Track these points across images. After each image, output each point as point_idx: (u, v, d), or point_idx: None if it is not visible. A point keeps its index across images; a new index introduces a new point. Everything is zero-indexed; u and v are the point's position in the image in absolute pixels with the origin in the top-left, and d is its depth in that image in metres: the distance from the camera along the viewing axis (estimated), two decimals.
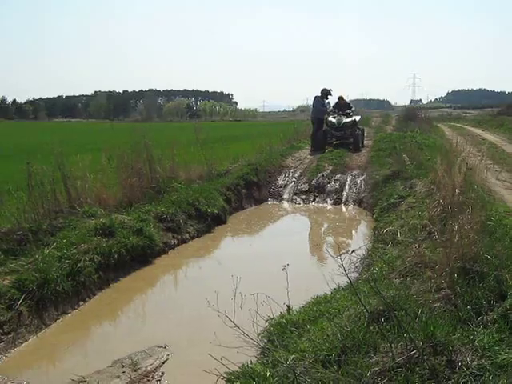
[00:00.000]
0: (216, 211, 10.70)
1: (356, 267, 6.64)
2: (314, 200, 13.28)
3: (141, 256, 8.22)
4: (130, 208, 9.58)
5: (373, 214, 10.78)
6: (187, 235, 9.72)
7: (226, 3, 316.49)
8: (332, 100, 19.05)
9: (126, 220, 8.62)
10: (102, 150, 11.27)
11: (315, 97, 18.19)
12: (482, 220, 5.94)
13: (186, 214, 10.01)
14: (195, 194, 10.71)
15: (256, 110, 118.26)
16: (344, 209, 12.66)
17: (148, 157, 11.06)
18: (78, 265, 6.90)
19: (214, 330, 4.67)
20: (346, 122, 17.71)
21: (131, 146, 10.83)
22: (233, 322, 3.71)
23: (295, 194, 13.67)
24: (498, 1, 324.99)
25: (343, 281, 5.43)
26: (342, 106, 18.67)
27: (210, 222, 10.49)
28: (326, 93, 18.12)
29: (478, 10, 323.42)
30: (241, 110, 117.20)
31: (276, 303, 4.95)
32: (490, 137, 24.98)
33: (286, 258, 6.57)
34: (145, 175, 10.85)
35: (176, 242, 9.35)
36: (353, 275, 6.21)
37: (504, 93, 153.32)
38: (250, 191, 13.27)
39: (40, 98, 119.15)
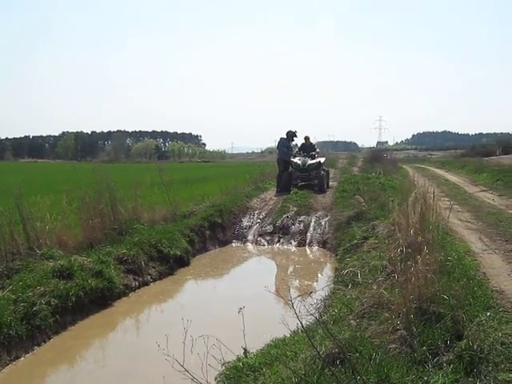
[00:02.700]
0: (179, 253, 10.61)
1: (316, 309, 6.60)
2: (279, 241, 13.24)
3: (100, 299, 8.05)
4: (91, 250, 9.44)
5: (336, 256, 10.77)
6: (149, 277, 9.59)
7: (196, 49, 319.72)
8: (298, 141, 19.32)
9: (85, 262, 8.47)
10: (64, 190, 11.12)
11: (281, 139, 18.24)
12: (440, 260, 6.02)
13: (147, 256, 9.89)
14: (158, 236, 10.61)
15: (224, 151, 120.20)
16: (308, 251, 12.64)
17: (110, 197, 10.96)
18: (34, 308, 6.76)
19: (171, 375, 4.56)
20: (310, 164, 17.94)
21: (93, 187, 10.71)
22: (182, 366, 3.63)
23: (260, 235, 13.62)
24: (461, 45, 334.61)
25: (306, 322, 5.38)
26: (308, 147, 18.93)
27: (172, 264, 10.37)
28: (291, 135, 18.21)
29: (441, 56, 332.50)
30: (209, 151, 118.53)
31: (233, 347, 4.87)
32: (452, 178, 25.51)
33: (247, 301, 6.45)
34: (107, 216, 10.76)
35: (137, 284, 9.21)
36: (312, 318, 6.16)
37: (467, 135, 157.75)
38: (215, 232, 13.18)
39: (6, 138, 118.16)
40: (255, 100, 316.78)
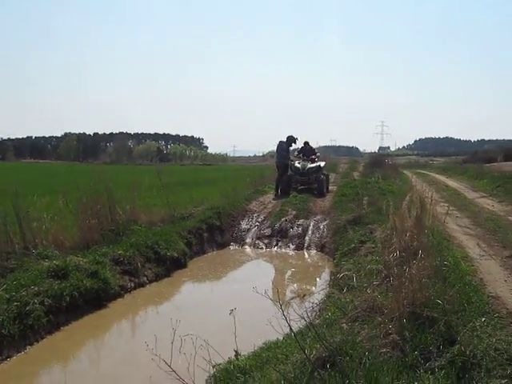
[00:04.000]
0: (176, 255, 10.58)
1: (309, 312, 6.57)
2: (277, 245, 13.20)
3: (95, 299, 8.01)
4: (87, 250, 9.41)
5: (334, 259, 10.74)
6: (145, 279, 9.55)
7: (200, 54, 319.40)
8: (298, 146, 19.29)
9: (81, 262, 8.43)
10: (61, 191, 11.09)
11: (280, 142, 18.12)
12: (435, 265, 5.99)
13: (144, 257, 9.87)
14: (155, 237, 10.59)
15: (226, 154, 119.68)
16: (306, 254, 12.61)
17: (108, 198, 10.94)
18: (27, 308, 6.73)
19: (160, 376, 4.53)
20: (310, 168, 17.89)
21: (91, 188, 10.69)
22: (169, 366, 3.59)
23: (258, 238, 13.57)
24: (466, 51, 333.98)
25: (299, 325, 5.35)
26: (307, 151, 18.91)
27: (169, 265, 10.32)
28: (291, 139, 18.03)
29: (444, 62, 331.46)
30: (211, 154, 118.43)
31: (225, 349, 4.84)
32: (453, 183, 25.45)
33: (243, 303, 6.50)
34: (104, 217, 10.73)
35: (133, 285, 9.17)
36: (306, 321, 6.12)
37: (469, 141, 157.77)
38: (213, 235, 13.15)
39: (8, 138, 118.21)
40: (258, 103, 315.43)
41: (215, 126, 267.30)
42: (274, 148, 18.66)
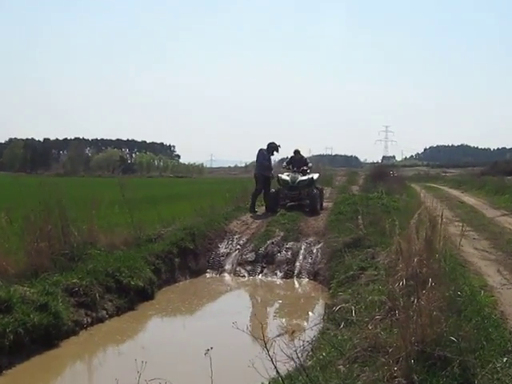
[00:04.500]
0: (141, 284, 10.51)
1: (300, 352, 6.56)
2: (262, 272, 13.20)
3: (44, 337, 7.89)
4: (36, 278, 9.26)
5: (329, 289, 10.76)
6: (104, 313, 9.46)
7: (168, 48, 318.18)
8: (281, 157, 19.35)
9: (27, 293, 8.35)
10: (4, 208, 10.99)
11: (260, 150, 18.02)
12: (449, 295, 5.99)
13: (103, 287, 9.78)
14: (117, 263, 10.52)
15: (202, 165, 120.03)
16: (297, 283, 12.62)
17: (61, 217, 10.86)
18: None
19: None
20: (301, 181, 17.87)
21: (41, 204, 10.61)
22: None
23: (239, 264, 13.54)
24: (482, 54, 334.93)
25: (287, 368, 5.35)
26: (298, 161, 18.86)
27: (133, 296, 10.25)
28: (273, 147, 18.00)
29: (458, 60, 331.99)
30: (184, 164, 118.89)
31: None
32: (469, 199, 25.73)
33: (220, 342, 6.49)
34: (56, 239, 10.62)
35: (90, 320, 9.07)
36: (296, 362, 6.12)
37: (488, 150, 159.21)
38: (185, 261, 13.11)
39: None
40: (240, 107, 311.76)
41: (189, 132, 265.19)
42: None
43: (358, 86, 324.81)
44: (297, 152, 19.30)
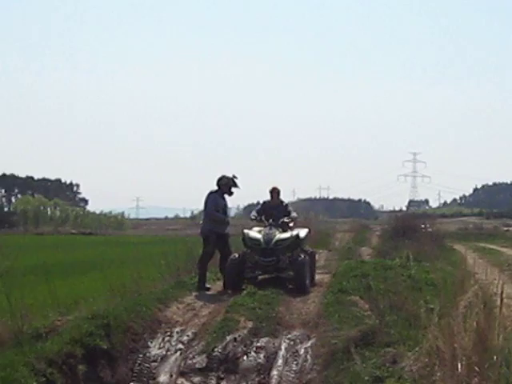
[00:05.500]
0: None
1: None
2: None
3: None
4: None
5: None
6: None
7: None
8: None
9: None
10: None
11: (209, 193, 13.95)
12: None
13: None
14: None
15: (123, 214, 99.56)
16: None
17: None
18: None
19: None
20: (280, 240, 13.78)
21: None
22: None
23: (182, 374, 10.05)
24: None
25: None
26: (275, 209, 14.69)
27: None
28: (225, 184, 13.87)
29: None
30: (95, 214, 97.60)
31: None
32: None
33: None
34: None
35: None
36: None
37: None
38: (95, 368, 9.90)
39: None
40: (182, 128, 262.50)
41: (102, 164, 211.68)
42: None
43: (366, 90, 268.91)
44: (274, 191, 14.92)
